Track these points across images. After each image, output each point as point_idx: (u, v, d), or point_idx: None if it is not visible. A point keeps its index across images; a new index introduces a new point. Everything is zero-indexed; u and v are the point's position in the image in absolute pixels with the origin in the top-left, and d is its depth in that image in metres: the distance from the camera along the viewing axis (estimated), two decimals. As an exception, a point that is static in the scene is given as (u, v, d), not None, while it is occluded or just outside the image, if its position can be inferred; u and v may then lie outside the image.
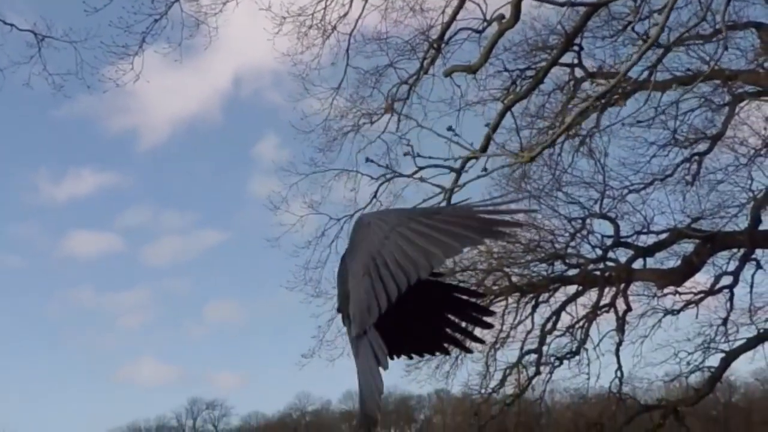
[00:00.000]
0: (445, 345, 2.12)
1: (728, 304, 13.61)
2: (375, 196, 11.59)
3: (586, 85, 12.27)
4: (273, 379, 78.38)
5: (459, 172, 9.41)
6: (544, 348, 13.92)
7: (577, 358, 13.93)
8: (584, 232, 13.71)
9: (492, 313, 2.21)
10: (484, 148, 8.79)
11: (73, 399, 73.72)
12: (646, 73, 10.13)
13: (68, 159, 78.58)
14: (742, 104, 12.20)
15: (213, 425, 63.41)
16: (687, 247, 13.14)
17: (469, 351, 2.23)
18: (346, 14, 11.34)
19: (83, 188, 76.85)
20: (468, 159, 9.70)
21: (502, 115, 9.76)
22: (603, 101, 12.15)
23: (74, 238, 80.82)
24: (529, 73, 11.64)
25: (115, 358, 78.60)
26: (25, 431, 58.90)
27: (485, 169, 5.07)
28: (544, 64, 11.00)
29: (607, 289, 13.61)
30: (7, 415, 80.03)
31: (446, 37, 11.04)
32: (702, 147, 12.72)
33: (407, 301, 1.87)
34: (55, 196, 75.03)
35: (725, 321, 13.71)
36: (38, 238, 73.86)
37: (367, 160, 6.15)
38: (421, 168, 11.07)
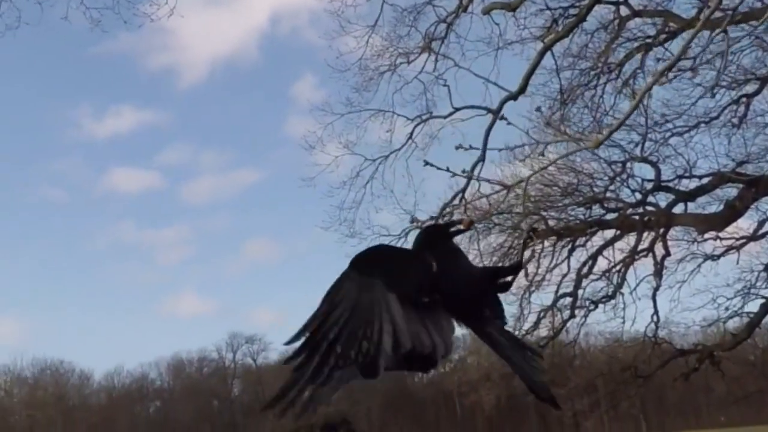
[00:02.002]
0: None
1: (771, 250, 13.38)
2: (411, 137, 11.52)
3: (631, 24, 11.85)
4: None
5: (496, 113, 9.28)
6: (580, 291, 13.87)
7: (612, 302, 13.89)
8: (624, 176, 13.47)
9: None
10: (522, 89, 8.63)
11: (118, 330, 76.56)
12: (694, 11, 9.72)
13: (109, 96, 79.67)
14: (794, 43, 11.68)
15: (252, 359, 65.33)
16: (730, 191, 12.85)
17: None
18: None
19: (124, 125, 78.05)
20: (506, 100, 9.54)
21: (541, 55, 9.51)
22: (650, 41, 11.79)
23: (115, 174, 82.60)
24: (572, 11, 11.25)
25: (157, 292, 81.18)
26: (74, 359, 61.63)
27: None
28: (587, 1, 10.63)
29: (645, 234, 13.42)
30: (56, 343, 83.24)
31: (486, -28, 10.72)
32: (750, 88, 12.27)
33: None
34: (97, 133, 76.34)
35: (767, 267, 13.50)
36: (80, 173, 75.49)
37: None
38: (457, 109, 10.99)
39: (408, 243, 12.69)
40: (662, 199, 13.40)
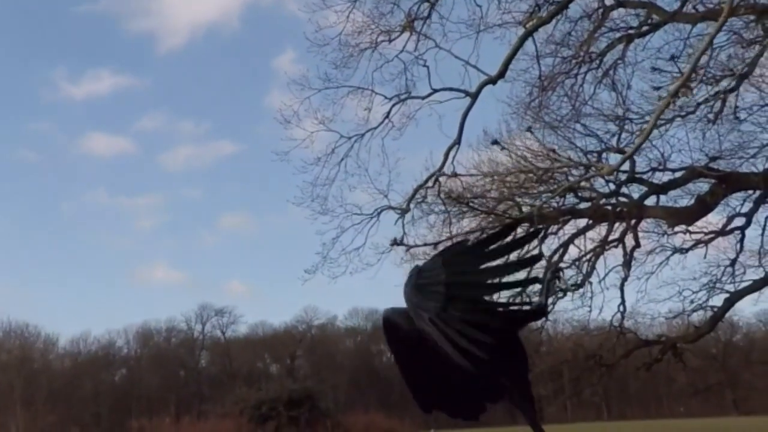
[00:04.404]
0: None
1: (738, 246, 13.55)
2: (387, 117, 11.44)
3: (615, 13, 11.82)
4: (281, 291, 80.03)
5: (475, 96, 9.24)
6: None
7: (581, 290, 13.99)
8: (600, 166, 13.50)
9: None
10: (501, 74, 8.58)
11: (86, 296, 75.97)
12: (677, 5, 9.71)
13: (87, 59, 78.27)
14: (773, 41, 11.71)
15: (221, 331, 65.25)
16: (702, 186, 12.95)
17: None
18: None
19: (101, 89, 76.75)
20: (485, 84, 9.49)
21: (522, 40, 9.45)
22: (632, 32, 11.78)
23: (90, 138, 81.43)
24: (556, -3, 11.19)
25: (129, 260, 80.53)
26: (40, 323, 60.92)
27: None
28: (571, -12, 10.58)
29: (617, 225, 13.52)
30: (25, 307, 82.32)
31: (471, -47, 10.61)
32: (727, 84, 12.32)
33: None
34: (74, 96, 75.05)
35: (733, 262, 13.68)
36: (55, 136, 74.31)
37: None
38: (435, 90, 10.91)
39: (380, 223, 12.64)
40: (635, 191, 13.48)
